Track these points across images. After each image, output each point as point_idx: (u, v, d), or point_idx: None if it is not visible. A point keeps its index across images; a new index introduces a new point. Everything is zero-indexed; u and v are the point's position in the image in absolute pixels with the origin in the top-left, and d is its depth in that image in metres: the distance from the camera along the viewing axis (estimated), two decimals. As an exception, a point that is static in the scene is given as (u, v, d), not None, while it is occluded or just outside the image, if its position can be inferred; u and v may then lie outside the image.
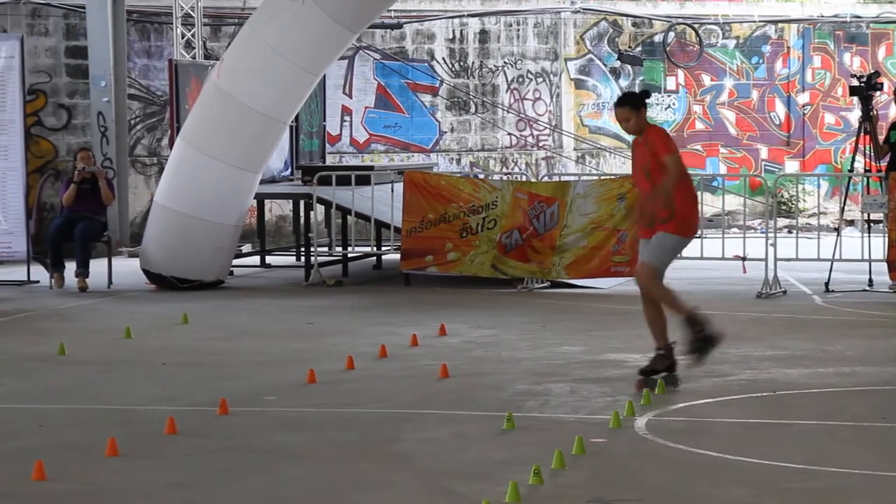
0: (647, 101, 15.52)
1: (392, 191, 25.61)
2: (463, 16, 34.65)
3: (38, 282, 25.65)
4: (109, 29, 28.78)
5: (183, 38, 30.15)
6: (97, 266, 25.16)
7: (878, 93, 24.00)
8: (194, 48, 29.97)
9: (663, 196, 15.02)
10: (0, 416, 14.62)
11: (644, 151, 15.05)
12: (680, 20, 35.04)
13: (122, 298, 23.88)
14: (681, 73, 34.55)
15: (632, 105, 14.97)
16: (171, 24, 30.39)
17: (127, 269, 25.83)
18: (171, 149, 25.79)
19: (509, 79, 34.41)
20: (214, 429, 13.69)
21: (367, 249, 27.63)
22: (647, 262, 15.38)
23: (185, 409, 14.24)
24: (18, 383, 16.34)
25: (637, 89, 34.36)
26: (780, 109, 34.53)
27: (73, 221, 25.18)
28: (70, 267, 25.04)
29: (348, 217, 26.92)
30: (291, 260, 28.76)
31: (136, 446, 12.82)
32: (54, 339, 18.95)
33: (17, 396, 15.56)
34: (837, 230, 24.94)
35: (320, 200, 26.60)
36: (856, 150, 24.56)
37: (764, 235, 24.84)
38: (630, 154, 17.08)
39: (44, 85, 30.86)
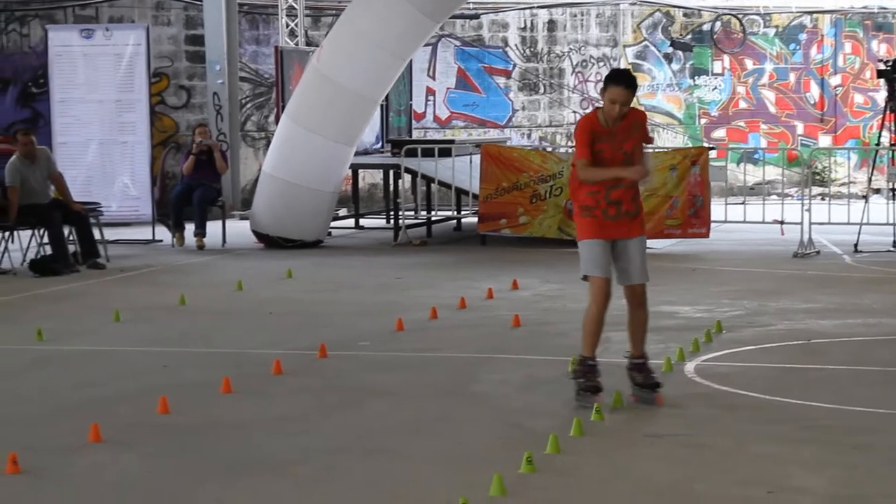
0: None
1: (470, 162, 25.64)
2: (533, 7, 34.59)
3: (161, 241, 25.75)
4: (223, 19, 28.85)
5: (287, 27, 30.21)
6: (213, 227, 25.27)
7: (901, 76, 23.86)
8: (297, 36, 30.03)
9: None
10: (129, 357, 14.77)
11: (626, 136, 11.93)
12: (726, 11, 34.87)
13: (234, 256, 23.97)
14: (726, 58, 34.37)
15: (635, 89, 11.92)
16: (277, 15, 30.45)
17: (238, 230, 25.89)
18: (277, 125, 25.85)
19: (574, 63, 34.32)
20: (315, 370, 13.78)
21: (449, 213, 27.64)
22: (645, 283, 12.43)
23: (289, 353, 14.33)
24: (145, 329, 16.46)
25: (687, 73, 34.34)
26: (815, 90, 34.32)
27: (192, 188, 25.30)
28: (189, 228, 25.15)
29: (432, 185, 26.96)
30: (382, 222, 28.79)
31: (247, 385, 12.94)
32: (176, 291, 19.07)
33: (144, 341, 15.68)
34: (865, 197, 24.80)
35: (407, 170, 26.61)
36: (882, 126, 24.46)
37: (800, 202, 24.71)
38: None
39: (166, 69, 30.99)
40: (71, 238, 22.02)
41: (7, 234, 22.01)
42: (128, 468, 10.26)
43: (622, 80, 11.74)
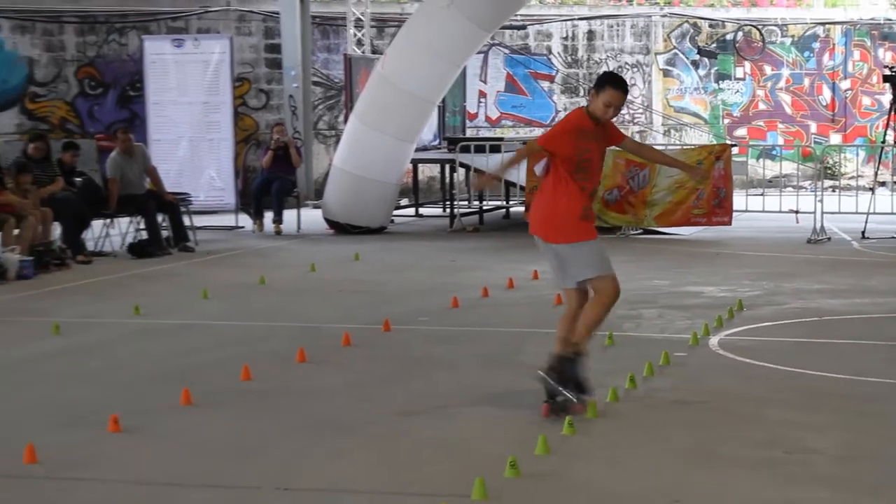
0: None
1: (518, 157, 25.66)
2: (574, 19, 34.57)
3: (243, 227, 25.85)
4: (298, 30, 28.92)
5: (355, 37, 30.27)
6: (289, 215, 25.35)
7: (904, 81, 23.83)
8: (364, 45, 30.08)
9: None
10: (215, 330, 14.84)
11: (602, 142, 10.64)
12: (747, 22, 34.78)
13: (308, 240, 24.03)
14: (747, 64, 34.28)
15: (623, 90, 10.56)
16: (346, 26, 30.51)
17: (312, 217, 25.95)
18: (345, 124, 25.91)
19: (611, 69, 34.29)
20: (380, 342, 13.84)
21: (499, 203, 27.66)
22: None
23: (357, 327, 14.38)
24: (229, 305, 16.55)
25: (712, 78, 34.25)
26: (827, 93, 34.21)
27: (271, 180, 25.40)
28: (268, 216, 25.25)
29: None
30: (438, 211, 28.80)
31: (320, 355, 12.99)
32: (256, 272, 19.15)
33: (229, 316, 15.78)
34: (872, 189, 24.75)
35: (462, 164, 26.65)
36: (887, 125, 24.46)
37: (813, 193, 24.64)
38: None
39: (248, 74, 31.10)
40: (164, 224, 22.15)
41: (108, 220, 22.17)
42: (215, 428, 10.34)
43: (619, 85, 10.51)
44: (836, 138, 34.04)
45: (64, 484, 8.91)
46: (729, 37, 34.50)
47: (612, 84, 10.39)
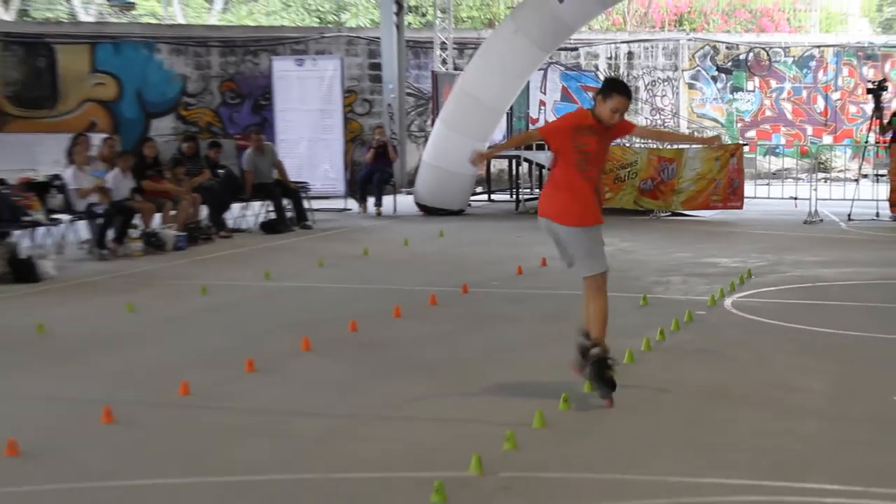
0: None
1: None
2: (617, 42, 34.45)
3: (350, 209, 25.92)
4: (395, 52, 28.95)
5: (440, 57, 30.28)
6: (387, 200, 25.40)
7: (884, 92, 23.70)
8: (447, 64, 30.09)
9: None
10: (328, 292, 14.89)
11: (606, 138, 9.46)
12: (756, 45, 34.56)
13: (402, 220, 24.08)
14: (756, 79, 34.07)
15: (627, 96, 9.34)
16: (433, 48, 30.52)
17: (405, 202, 25.98)
18: (432, 127, 25.96)
19: (646, 82, 34.15)
20: (459, 302, 13.86)
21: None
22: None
23: (441, 289, 14.41)
24: (339, 272, 16.59)
25: (728, 90, 34.02)
26: (821, 103, 33.95)
27: (372, 172, 25.45)
28: (370, 201, 25.32)
29: (543, 170, 26.96)
30: (507, 197, 28.80)
31: (411, 312, 13.03)
32: (361, 245, 19.20)
33: (339, 280, 15.81)
34: (856, 180, 24.57)
35: (525, 159, 26.66)
36: (869, 129, 24.26)
37: (808, 183, 24.54)
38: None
39: (354, 86, 31.18)
40: (288, 207, 22.26)
41: (244, 204, 22.32)
42: (329, 369, 10.41)
43: (625, 91, 9.31)
44: (827, 139, 33.80)
45: (210, 411, 9.02)
46: (742, 57, 34.27)
47: (619, 91, 9.28)
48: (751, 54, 34.37)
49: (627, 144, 26.82)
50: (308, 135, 26.62)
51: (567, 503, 6.85)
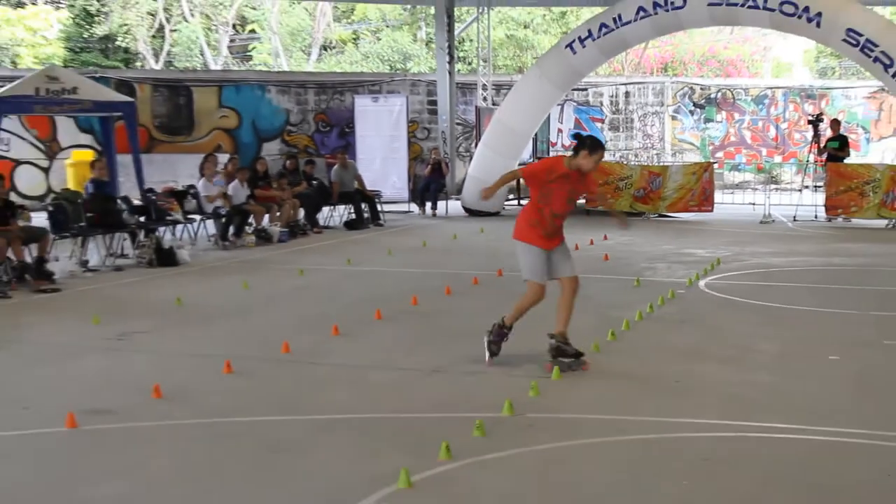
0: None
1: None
2: (617, 84, 34.24)
3: (412, 211, 25.88)
4: (447, 91, 28.85)
5: (482, 95, 30.20)
6: (440, 205, 25.37)
7: (821, 123, 23.52)
8: (487, 100, 29.98)
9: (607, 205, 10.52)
10: (395, 274, 14.87)
11: (576, 184, 9.00)
12: (723, 86, 34.28)
13: (452, 220, 23.97)
14: (724, 112, 33.76)
15: (601, 149, 8.91)
16: (476, 88, 30.44)
17: (454, 206, 25.90)
18: (475, 148, 25.86)
19: (639, 115, 33.89)
20: (495, 283, 13.80)
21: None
22: (576, 274, 9.35)
23: (481, 273, 14.37)
24: (404, 259, 16.56)
25: (702, 120, 33.78)
26: (773, 131, 33.60)
27: (429, 183, 25.37)
28: (427, 205, 25.28)
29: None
30: (532, 202, 28.66)
31: (459, 290, 13.01)
32: (420, 238, 19.18)
33: (403, 265, 15.76)
34: (800, 190, 24.37)
35: (547, 174, 26.55)
36: (810, 151, 24.09)
37: (763, 192, 24.36)
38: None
39: (416, 118, 31.07)
40: (365, 210, 22.24)
41: (332, 207, 22.32)
42: (397, 334, 10.40)
43: (600, 147, 8.88)
44: (778, 158, 33.50)
45: (306, 365, 9.03)
46: (713, 95, 33.96)
47: (602, 148, 8.86)
48: (719, 93, 34.05)
49: (624, 162, 26.69)
50: (381, 155, 26.58)
51: (578, 437, 6.84)
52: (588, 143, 8.85)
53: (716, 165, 25.90)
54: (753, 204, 24.86)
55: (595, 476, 6.11)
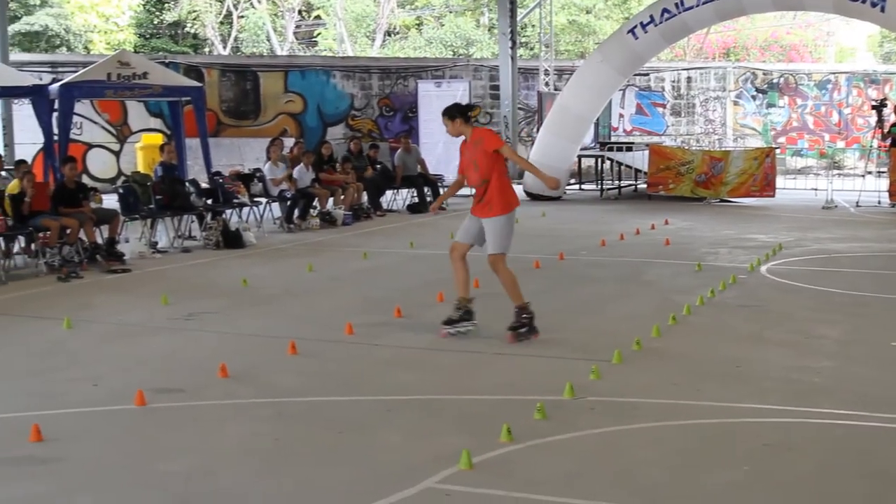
0: (470, 112, 9.83)
1: (643, 154, 25.30)
2: (679, 70, 33.91)
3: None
4: (510, 76, 28.75)
5: (544, 80, 30.08)
6: (502, 188, 25.27)
7: (884, 108, 23.19)
8: (549, 85, 29.84)
9: (529, 169, 10.69)
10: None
11: (472, 149, 9.67)
12: (786, 72, 33.83)
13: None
14: (786, 97, 33.33)
15: (447, 116, 9.53)
16: (538, 74, 30.32)
17: (516, 190, 25.78)
18: (537, 133, 25.77)
19: (701, 100, 33.55)
20: (556, 267, 13.79)
21: (630, 182, 27.31)
22: (494, 252, 9.86)
23: (543, 257, 14.36)
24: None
25: (764, 106, 33.39)
26: (835, 116, 33.15)
27: (492, 167, 25.35)
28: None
29: (622, 166, 26.65)
30: (593, 187, 28.51)
31: (521, 274, 12.72)
32: (482, 222, 19.22)
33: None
34: (863, 176, 24.05)
35: (608, 158, 26.41)
36: (873, 136, 23.79)
37: (826, 178, 24.07)
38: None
39: (478, 102, 31.03)
40: (428, 193, 22.24)
41: (395, 191, 22.36)
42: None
43: (453, 114, 9.51)
44: (840, 144, 33.05)
45: (369, 347, 9.08)
46: (775, 80, 33.54)
47: (453, 114, 9.55)
48: (782, 79, 33.63)
49: (686, 147, 26.49)
50: (443, 139, 26.56)
51: (637, 421, 6.81)
52: (465, 111, 9.61)
53: (778, 151, 25.64)
54: (816, 189, 24.55)
55: (655, 460, 6.08)
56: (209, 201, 17.46)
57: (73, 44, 37.93)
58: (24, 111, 22.49)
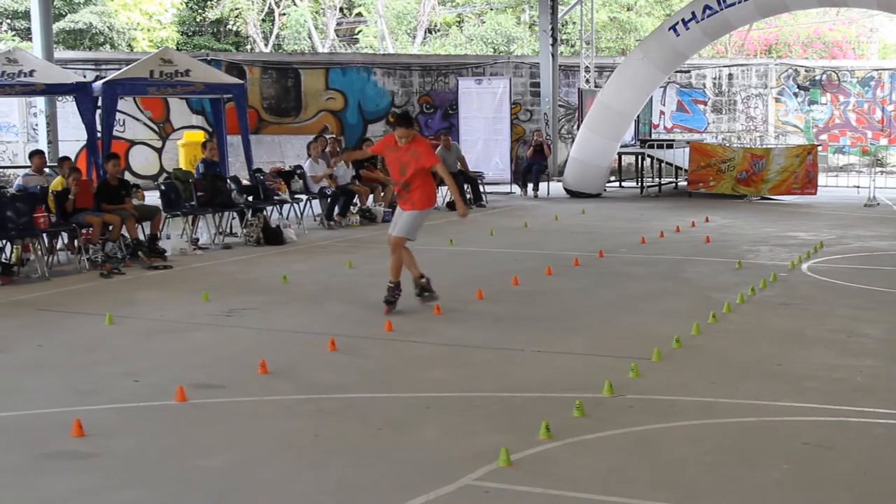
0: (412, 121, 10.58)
1: (683, 151, 25.18)
2: (720, 66, 33.69)
3: (514, 193, 25.86)
4: (550, 73, 28.70)
5: (585, 77, 29.97)
6: (542, 185, 25.28)
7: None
8: (589, 83, 29.76)
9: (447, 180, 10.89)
10: (497, 254, 14.86)
11: (406, 154, 10.38)
12: (828, 68, 33.54)
13: (554, 201, 23.91)
14: (828, 94, 33.05)
15: (407, 125, 10.36)
16: (579, 71, 30.22)
17: (556, 187, 25.83)
18: (578, 130, 25.69)
19: (742, 97, 33.33)
20: (596, 264, 13.73)
21: (671, 180, 27.19)
22: (399, 235, 10.65)
23: (582, 254, 14.32)
24: (505, 239, 16.53)
25: (806, 103, 33.10)
26: (878, 113, 32.82)
27: (532, 164, 25.30)
28: (529, 186, 25.20)
29: (662, 163, 26.53)
30: (633, 184, 28.41)
31: (560, 271, 12.96)
32: (522, 219, 19.16)
33: (505, 245, 15.76)
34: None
35: (648, 155, 26.27)
36: (918, 133, 23.56)
37: (868, 175, 23.82)
38: None
39: (519, 100, 31.00)
40: (468, 190, 22.25)
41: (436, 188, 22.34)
42: (496, 313, 10.40)
43: (401, 123, 10.38)
44: (883, 141, 32.73)
45: (407, 344, 9.09)
46: (817, 77, 33.28)
47: (400, 123, 10.41)
48: (824, 76, 33.35)
49: (727, 145, 26.34)
50: (484, 136, 26.60)
51: (676, 419, 6.77)
52: (407, 120, 10.38)
53: (820, 148, 25.42)
54: (858, 187, 24.33)
55: (693, 458, 6.04)
56: (250, 198, 17.55)
57: (117, 41, 38.24)
58: (67, 108, 22.75)
